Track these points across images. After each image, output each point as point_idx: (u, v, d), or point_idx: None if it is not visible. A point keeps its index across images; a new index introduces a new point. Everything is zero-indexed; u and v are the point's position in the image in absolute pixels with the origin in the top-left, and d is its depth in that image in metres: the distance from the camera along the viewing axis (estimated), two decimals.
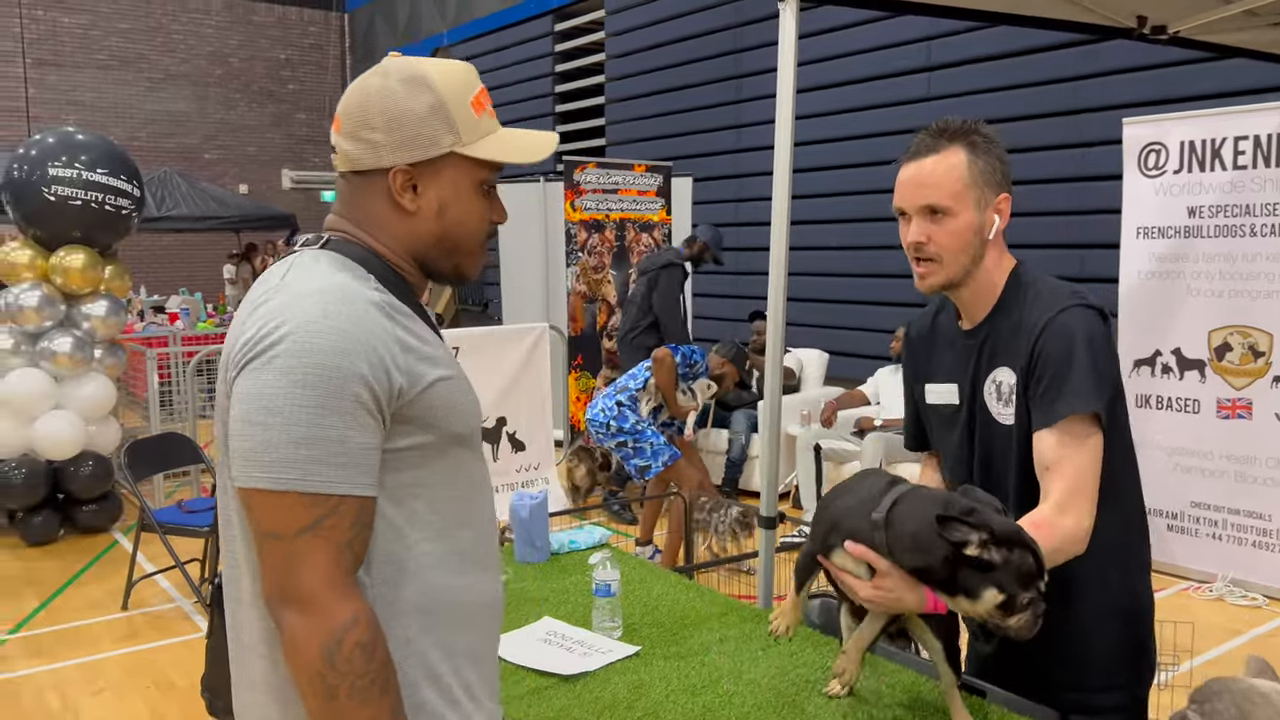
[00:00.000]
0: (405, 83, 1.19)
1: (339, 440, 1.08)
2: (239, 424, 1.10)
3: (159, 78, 16.48)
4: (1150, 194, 4.84)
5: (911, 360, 1.91)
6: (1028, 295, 1.68)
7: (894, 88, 8.06)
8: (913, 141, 1.70)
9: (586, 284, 6.82)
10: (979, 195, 1.65)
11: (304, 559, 1.08)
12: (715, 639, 2.07)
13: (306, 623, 1.07)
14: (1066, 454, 1.57)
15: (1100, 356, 1.59)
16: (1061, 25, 3.19)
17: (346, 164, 1.22)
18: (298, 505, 1.07)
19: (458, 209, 1.23)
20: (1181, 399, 4.79)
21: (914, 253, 1.69)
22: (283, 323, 1.09)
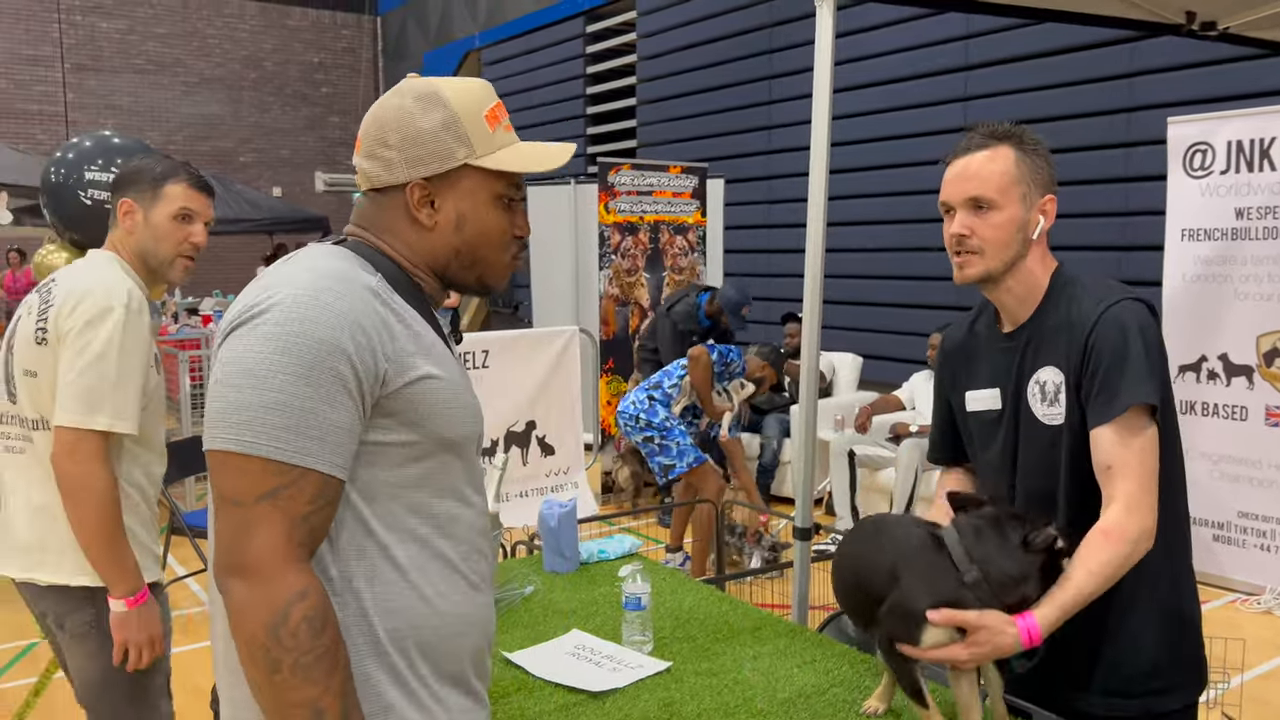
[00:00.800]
0: (419, 100, 1.22)
1: (311, 412, 1.07)
2: (215, 386, 1.10)
3: (194, 81, 16.67)
4: (1196, 195, 4.71)
5: (949, 370, 1.88)
6: (1074, 293, 1.68)
7: (931, 87, 7.94)
8: (960, 141, 1.71)
9: (619, 287, 6.78)
10: (1025, 192, 1.65)
11: (257, 527, 1.06)
12: (749, 655, 2.01)
13: (252, 592, 1.06)
14: (1126, 452, 1.56)
15: (1153, 349, 1.59)
16: (1109, 22, 3.10)
17: (365, 181, 1.25)
18: (261, 471, 1.06)
19: (476, 222, 1.24)
20: (1229, 406, 4.65)
21: (956, 246, 1.68)
22: (273, 294, 1.11)
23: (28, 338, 2.07)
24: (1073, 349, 1.62)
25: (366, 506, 1.15)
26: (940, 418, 1.94)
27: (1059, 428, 1.65)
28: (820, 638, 2.12)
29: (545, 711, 1.77)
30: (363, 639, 1.14)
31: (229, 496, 1.08)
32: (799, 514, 2.52)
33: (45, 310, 2.06)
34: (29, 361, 2.08)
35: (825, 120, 2.39)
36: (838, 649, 2.03)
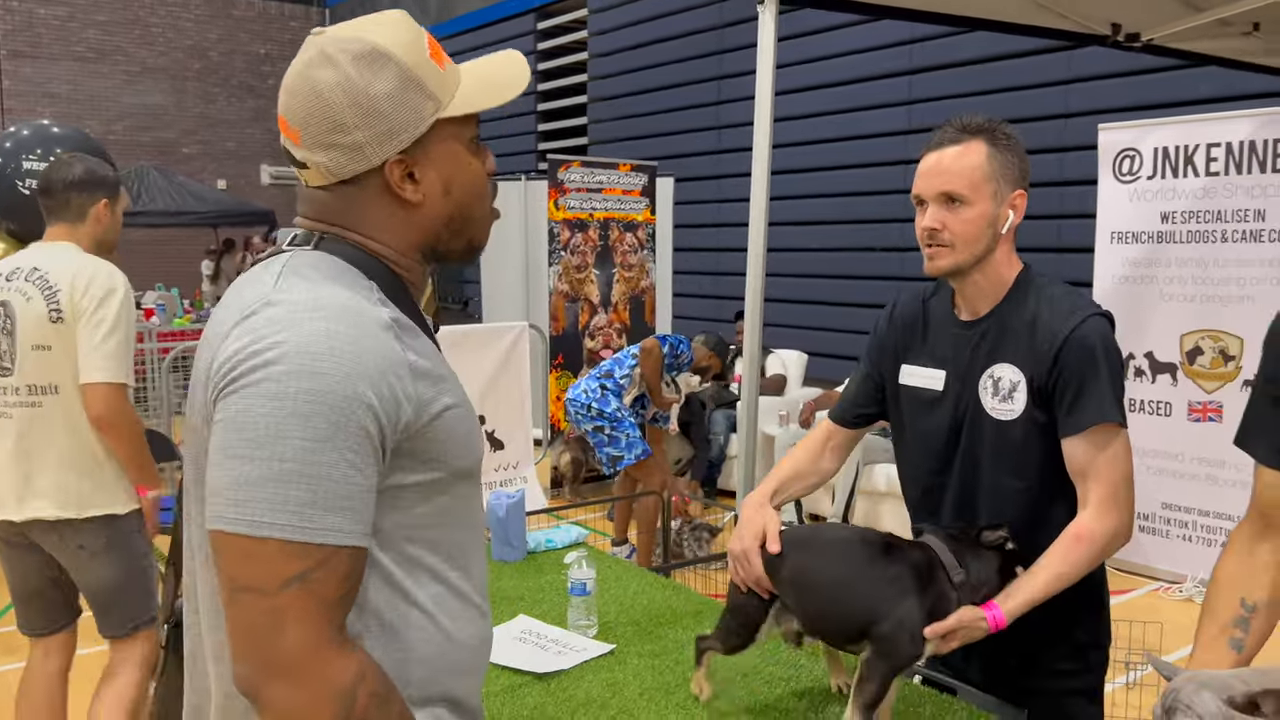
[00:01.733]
0: (360, 62, 1.02)
1: (339, 480, 0.92)
2: (217, 454, 0.93)
3: (136, 71, 16.34)
4: (1125, 199, 4.90)
5: (893, 338, 1.89)
6: (1040, 297, 1.71)
7: (876, 91, 8.11)
8: (935, 134, 1.73)
9: (569, 283, 6.82)
10: (996, 188, 1.68)
11: (288, 619, 0.91)
12: (689, 638, 2.08)
13: (304, 696, 0.91)
14: (1098, 460, 1.64)
15: (1117, 364, 1.68)
16: (1038, 31, 3.23)
17: (324, 177, 1.06)
18: (279, 555, 0.91)
19: (461, 179, 1.10)
20: (1154, 402, 4.85)
21: (927, 239, 1.71)
22: (279, 341, 0.94)
23: (40, 318, 2.55)
24: (1039, 355, 1.66)
25: (386, 554, 1.01)
26: (863, 381, 1.95)
27: (1008, 423, 1.71)
28: None
29: (491, 693, 1.82)
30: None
31: (243, 584, 0.92)
32: (740, 503, 2.60)
33: (53, 294, 2.56)
34: (41, 338, 2.57)
35: (768, 121, 2.47)
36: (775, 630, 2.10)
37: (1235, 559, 1.44)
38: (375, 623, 1.01)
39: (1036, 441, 1.69)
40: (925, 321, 1.86)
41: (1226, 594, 1.41)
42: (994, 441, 1.73)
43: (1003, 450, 1.72)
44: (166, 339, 7.84)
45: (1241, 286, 4.54)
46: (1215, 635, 1.38)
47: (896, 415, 1.90)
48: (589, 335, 6.89)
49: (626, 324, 6.99)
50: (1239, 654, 1.37)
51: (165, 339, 7.85)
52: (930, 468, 1.83)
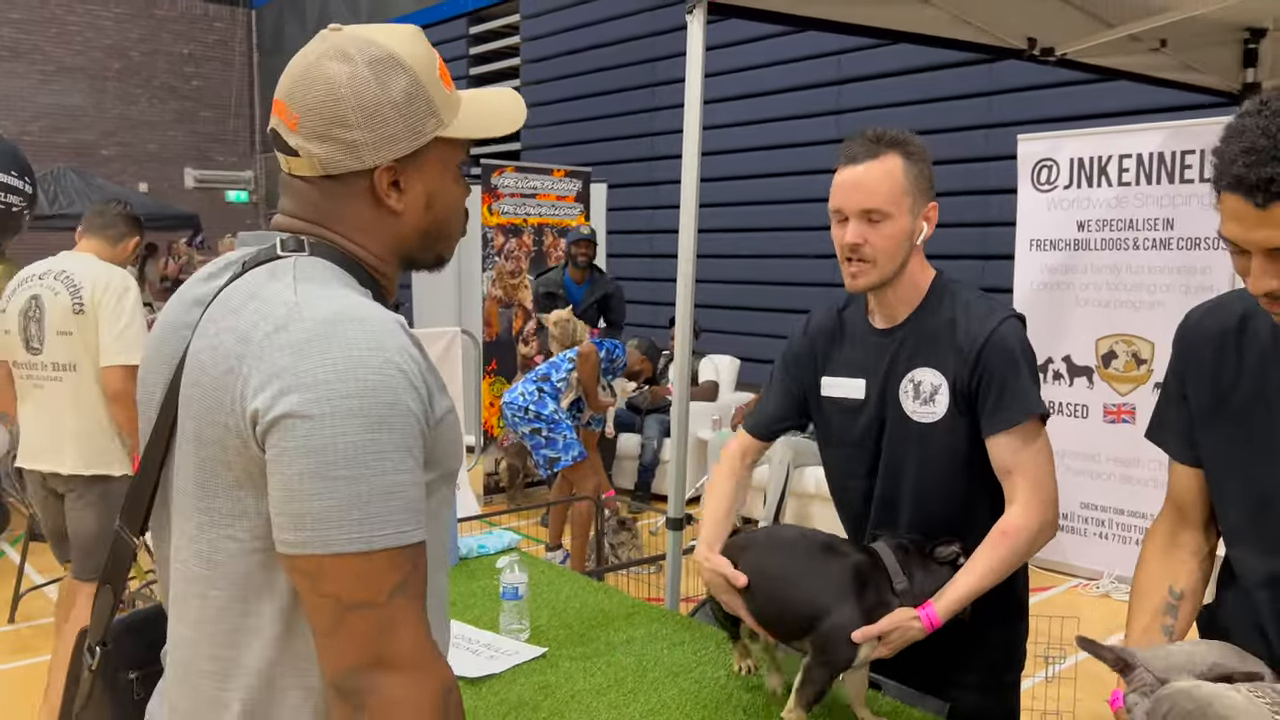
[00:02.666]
0: (375, 66, 1.04)
1: (414, 483, 0.97)
2: (304, 480, 0.93)
3: (52, 70, 15.83)
4: (1043, 208, 5.06)
5: (809, 351, 1.92)
6: (955, 302, 1.76)
7: (805, 100, 8.24)
8: (847, 146, 1.75)
9: (503, 289, 6.80)
10: (913, 202, 1.72)
11: (400, 623, 0.95)
12: (622, 639, 2.10)
13: (413, 686, 0.95)
14: (1023, 456, 1.69)
15: (1034, 363, 1.74)
16: (957, 45, 3.33)
17: (315, 169, 1.06)
18: (388, 564, 0.94)
19: (443, 198, 1.12)
20: (1071, 404, 5.01)
21: (849, 253, 1.73)
22: (329, 359, 0.94)
23: (65, 310, 3.20)
24: (960, 358, 1.71)
25: None
26: (782, 394, 1.96)
27: (930, 425, 1.75)
28: (690, 621, 2.23)
29: None
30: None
31: (355, 601, 0.94)
32: (672, 505, 2.63)
33: (77, 291, 3.22)
34: (64, 326, 3.22)
35: (696, 127, 2.51)
36: (706, 631, 2.13)
37: (1158, 551, 1.51)
38: None
39: (959, 443, 1.74)
40: (842, 332, 1.89)
41: (1155, 584, 1.47)
42: (917, 444, 1.77)
43: (925, 452, 1.77)
44: None
45: (1152, 293, 4.72)
46: (1148, 624, 1.44)
47: (822, 426, 1.94)
48: (523, 341, 6.87)
49: None
50: (1170, 639, 1.43)
51: None
52: (855, 473, 1.88)
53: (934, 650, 1.79)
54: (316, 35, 1.09)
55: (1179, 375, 1.47)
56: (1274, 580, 1.34)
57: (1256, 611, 1.37)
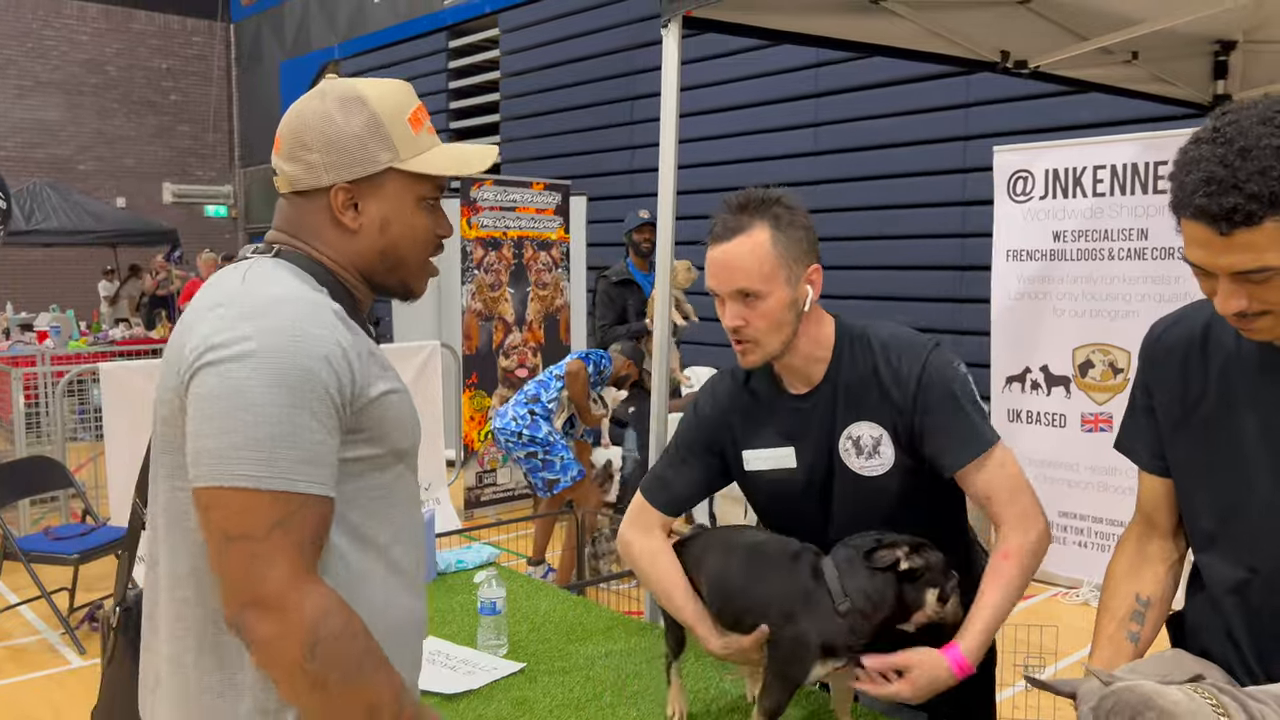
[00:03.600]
0: (341, 103, 1.21)
1: (314, 440, 1.08)
2: (204, 422, 1.07)
3: (29, 85, 15.74)
4: (1019, 219, 5.09)
5: (723, 426, 1.81)
6: (871, 347, 1.71)
7: (783, 113, 8.29)
8: (715, 221, 1.68)
9: (483, 302, 6.78)
10: (788, 272, 1.64)
11: (272, 559, 1.06)
12: (601, 653, 2.09)
13: (279, 625, 1.05)
14: (995, 482, 1.66)
15: (970, 390, 1.70)
16: (930, 58, 3.35)
17: (286, 185, 1.24)
18: (270, 504, 1.06)
19: (400, 224, 1.24)
20: (1049, 414, 5.04)
21: (732, 334, 1.68)
22: (252, 324, 1.09)
23: None
24: (894, 404, 1.67)
25: (336, 522, 1.15)
26: (693, 475, 1.83)
27: (879, 478, 1.70)
28: None
29: None
30: None
31: (237, 533, 1.06)
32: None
33: None
34: None
35: (673, 140, 2.51)
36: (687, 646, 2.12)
37: (1126, 559, 1.51)
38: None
39: (914, 484, 1.72)
40: (755, 403, 1.80)
41: (1122, 591, 1.48)
42: (869, 499, 1.72)
43: (880, 504, 1.72)
44: (61, 362, 7.53)
45: (1128, 302, 4.76)
46: (1114, 631, 1.45)
47: (756, 500, 1.87)
48: (503, 354, 6.85)
49: (541, 342, 6.98)
50: (1135, 645, 1.44)
51: (59, 362, 7.54)
52: (819, 539, 1.76)
53: None
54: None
55: (1145, 387, 1.48)
56: (1243, 586, 1.35)
57: (1226, 618, 1.38)
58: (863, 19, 2.98)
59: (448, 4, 12.18)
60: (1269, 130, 1.10)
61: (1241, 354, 1.34)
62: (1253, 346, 1.32)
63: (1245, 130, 1.11)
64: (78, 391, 6.95)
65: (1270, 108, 1.13)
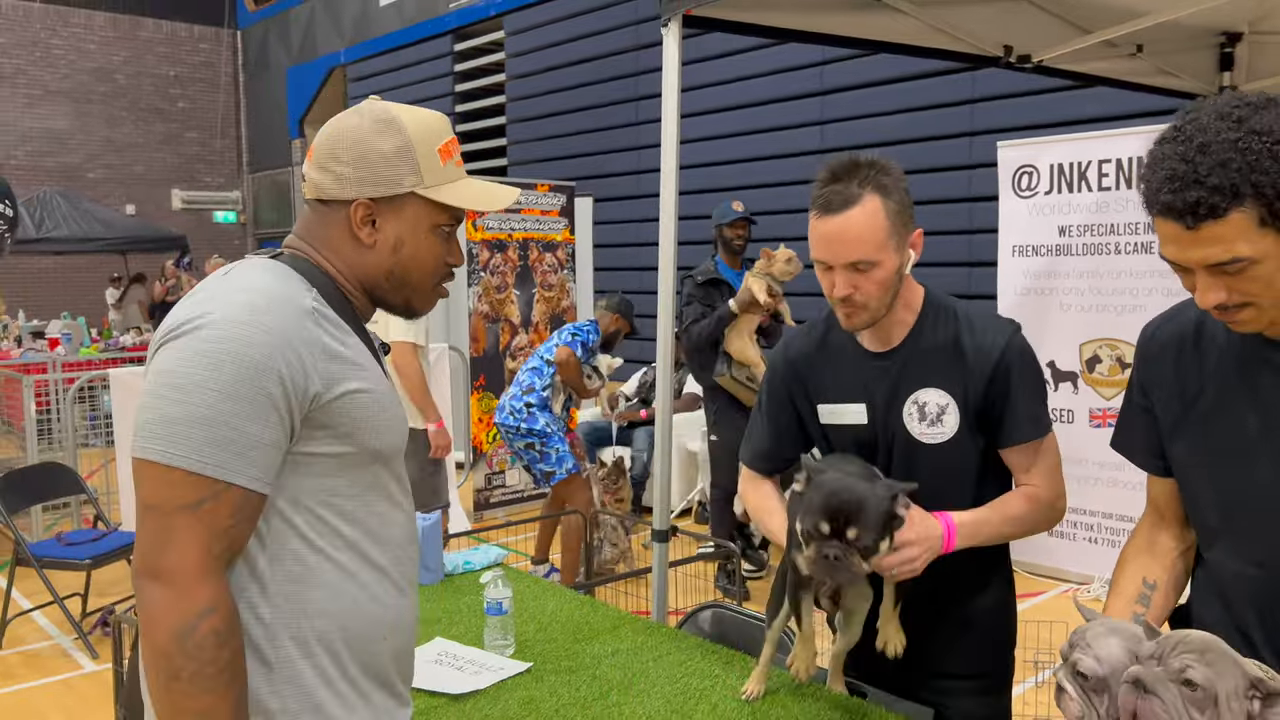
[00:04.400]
0: (377, 123, 1.25)
1: (237, 429, 1.10)
2: (146, 396, 1.12)
3: (38, 94, 15.83)
4: (1024, 214, 5.08)
5: (797, 381, 1.87)
6: (955, 317, 1.75)
7: (789, 111, 8.28)
8: (819, 192, 1.68)
9: (489, 304, 6.79)
10: (898, 239, 1.68)
11: (176, 536, 1.09)
12: (608, 652, 2.09)
13: (165, 599, 1.08)
14: (1039, 461, 1.75)
15: (1041, 377, 1.79)
16: (934, 53, 3.34)
17: (313, 191, 1.28)
18: (182, 483, 1.09)
19: (412, 247, 1.28)
20: (1057, 410, 5.02)
21: (841, 301, 1.70)
22: (210, 310, 1.13)
23: None
24: (971, 375, 1.70)
25: (298, 514, 1.18)
26: (778, 426, 1.91)
27: (940, 446, 1.73)
28: (676, 633, 2.22)
29: None
30: (292, 640, 1.18)
31: (150, 503, 1.11)
32: (657, 518, 2.62)
33: None
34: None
35: (674, 140, 2.51)
36: (692, 642, 2.13)
37: (1137, 545, 1.54)
38: (285, 571, 1.18)
39: (971, 460, 1.74)
40: (828, 357, 1.84)
41: (1130, 575, 1.51)
42: (928, 466, 1.74)
43: (938, 472, 1.73)
44: (72, 369, 7.58)
45: (1134, 296, 4.74)
46: (1121, 610, 1.48)
47: (827, 452, 1.90)
48: (510, 356, 6.86)
49: None
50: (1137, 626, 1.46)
51: (71, 369, 7.58)
52: None
53: (922, 654, 1.80)
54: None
55: (1141, 386, 1.49)
56: (1250, 579, 1.35)
57: (1236, 613, 1.37)
58: (864, 15, 2.98)
59: (452, 7, 12.20)
60: (1226, 125, 1.12)
61: (1234, 347, 1.35)
62: (1244, 339, 1.32)
63: (1204, 126, 1.14)
64: (89, 398, 6.98)
65: (1229, 103, 1.15)
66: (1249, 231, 1.14)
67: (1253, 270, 1.17)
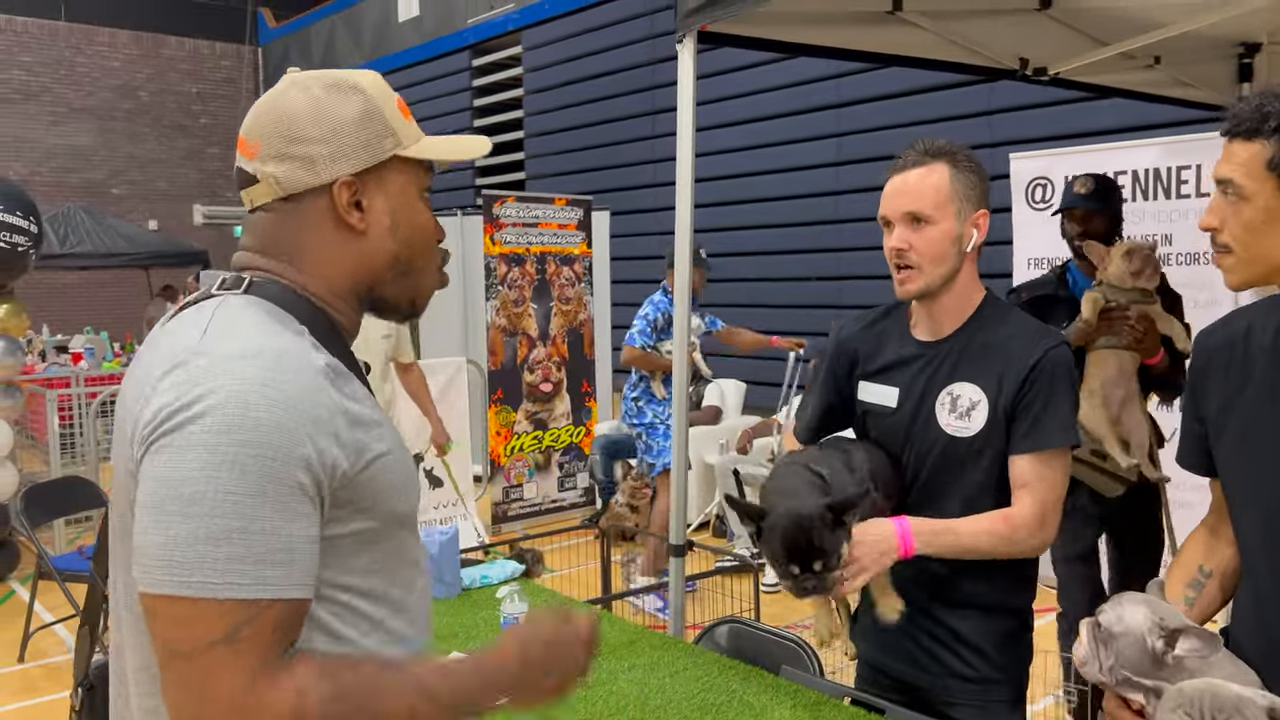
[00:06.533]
0: (329, 89, 1.07)
1: (273, 534, 0.91)
2: (146, 514, 0.91)
3: (63, 111, 16.06)
4: (1039, 225, 5.05)
5: (847, 357, 1.92)
6: (1007, 320, 1.78)
7: (805, 124, 8.29)
8: (898, 158, 1.78)
9: (507, 317, 6.82)
10: (959, 207, 1.72)
11: (214, 678, 0.89)
12: (624, 667, 2.09)
13: None
14: (1043, 477, 1.71)
15: (1077, 393, 1.78)
16: (950, 67, 3.34)
17: (273, 190, 1.06)
18: (216, 614, 0.89)
19: (409, 221, 1.10)
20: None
21: (895, 259, 1.75)
22: (209, 390, 0.91)
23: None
24: (1007, 375, 1.71)
25: (321, 607, 0.99)
26: (821, 401, 1.97)
27: (963, 440, 1.74)
28: (692, 648, 2.22)
29: None
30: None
31: (174, 648, 0.90)
32: (673, 532, 2.62)
33: None
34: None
35: (689, 155, 2.52)
36: (709, 658, 2.12)
37: (1199, 537, 1.56)
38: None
39: (984, 463, 1.74)
40: (881, 339, 1.89)
41: (1186, 560, 1.54)
42: (941, 456, 1.77)
43: (954, 465, 1.76)
44: (95, 383, 7.65)
45: None
46: (1174, 589, 1.51)
47: (860, 430, 1.95)
48: (528, 369, 6.88)
49: (565, 357, 7.00)
50: (1189, 609, 1.49)
51: (93, 383, 7.65)
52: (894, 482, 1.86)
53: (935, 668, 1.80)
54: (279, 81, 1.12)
55: (1192, 393, 1.50)
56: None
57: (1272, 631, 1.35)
58: (879, 29, 2.98)
59: (471, 23, 12.30)
60: None
61: (1278, 350, 1.35)
62: None
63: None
64: (111, 412, 7.03)
65: None
66: (1254, 163, 1.27)
67: (1240, 207, 1.28)
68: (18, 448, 6.03)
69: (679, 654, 2.15)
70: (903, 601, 1.74)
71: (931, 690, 1.83)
